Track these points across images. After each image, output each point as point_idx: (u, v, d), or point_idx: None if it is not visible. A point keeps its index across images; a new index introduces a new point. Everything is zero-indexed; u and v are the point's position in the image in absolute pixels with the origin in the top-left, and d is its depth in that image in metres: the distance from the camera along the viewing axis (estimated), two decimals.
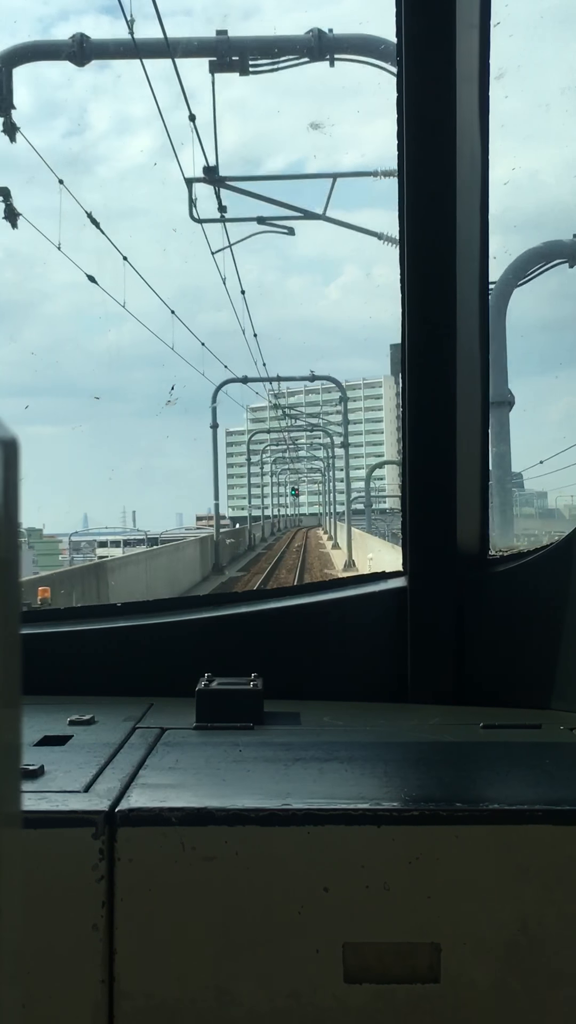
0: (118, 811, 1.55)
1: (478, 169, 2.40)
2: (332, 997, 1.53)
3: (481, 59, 2.39)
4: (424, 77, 2.32)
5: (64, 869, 1.52)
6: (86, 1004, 1.52)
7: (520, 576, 2.36)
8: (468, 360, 2.40)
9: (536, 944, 1.54)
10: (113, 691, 2.39)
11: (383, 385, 55.73)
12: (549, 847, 1.55)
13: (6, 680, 0.69)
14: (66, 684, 2.39)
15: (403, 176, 2.36)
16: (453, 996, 1.54)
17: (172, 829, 1.54)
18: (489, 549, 2.46)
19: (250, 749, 1.91)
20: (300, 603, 2.59)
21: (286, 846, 1.54)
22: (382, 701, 2.39)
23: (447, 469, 2.36)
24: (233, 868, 1.53)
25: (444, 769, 1.85)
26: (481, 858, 1.55)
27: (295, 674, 2.41)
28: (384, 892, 1.54)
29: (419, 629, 2.38)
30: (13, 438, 0.68)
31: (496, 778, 1.82)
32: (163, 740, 1.98)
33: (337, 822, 1.55)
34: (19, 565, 0.72)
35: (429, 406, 2.38)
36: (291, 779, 1.72)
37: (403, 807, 1.58)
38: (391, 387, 27.76)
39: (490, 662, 2.36)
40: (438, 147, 2.32)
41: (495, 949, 1.54)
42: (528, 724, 2.11)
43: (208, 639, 2.49)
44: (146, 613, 2.61)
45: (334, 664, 2.46)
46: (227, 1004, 1.53)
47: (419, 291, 2.36)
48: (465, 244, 2.36)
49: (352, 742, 1.98)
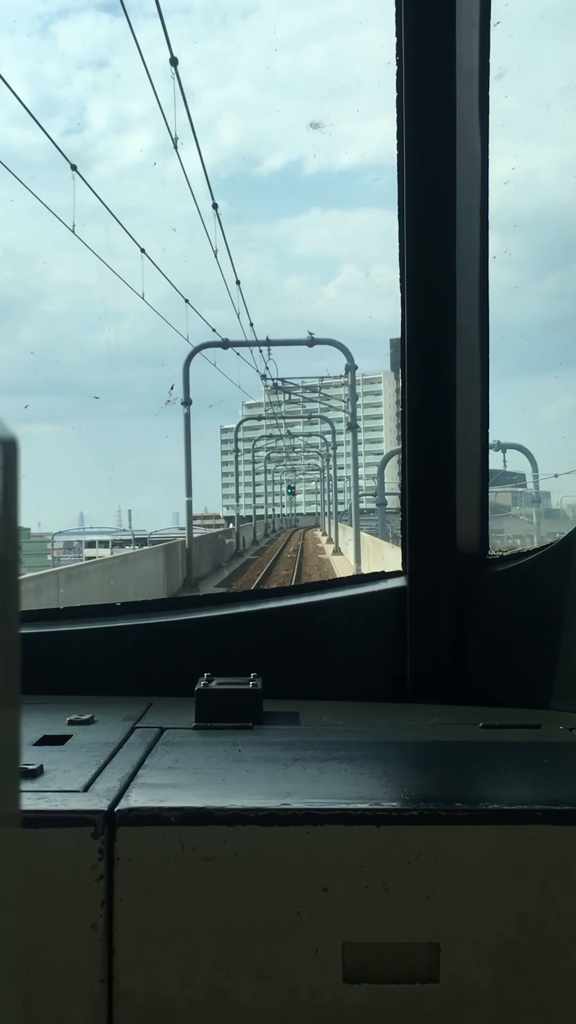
0: (117, 811, 1.55)
1: (478, 169, 2.40)
2: (331, 997, 1.53)
3: (481, 58, 2.39)
4: (424, 76, 2.32)
5: (63, 869, 1.52)
6: (85, 1004, 1.51)
7: (520, 576, 2.36)
8: (468, 360, 2.40)
9: (536, 944, 1.54)
10: (112, 691, 2.39)
11: (383, 381, 54.68)
12: (549, 847, 1.55)
13: (5, 680, 0.69)
14: (65, 684, 2.39)
15: (403, 176, 2.36)
16: (452, 996, 1.54)
17: (171, 829, 1.54)
18: (489, 549, 2.46)
19: (249, 749, 1.91)
20: (300, 603, 2.60)
21: (286, 846, 1.54)
22: (382, 701, 2.39)
23: (447, 469, 2.36)
24: (232, 868, 1.53)
25: (443, 769, 1.85)
26: (481, 858, 1.55)
27: (295, 674, 2.41)
28: (383, 892, 1.53)
29: (419, 629, 2.38)
30: (13, 438, 0.68)
31: (495, 778, 1.82)
32: (162, 740, 1.98)
33: (337, 822, 1.55)
34: (19, 565, 0.71)
35: (429, 406, 2.38)
36: (291, 779, 1.72)
37: (403, 807, 1.58)
38: (391, 383, 26.91)
39: (490, 662, 2.36)
40: (438, 146, 2.32)
41: (495, 949, 1.54)
42: (527, 724, 2.11)
43: (208, 639, 2.49)
44: (146, 613, 2.62)
45: (334, 664, 2.46)
46: (226, 1004, 1.53)
47: (419, 291, 2.36)
48: (465, 244, 2.36)
49: (352, 742, 1.98)
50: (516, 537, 26.21)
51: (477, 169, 2.40)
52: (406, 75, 2.33)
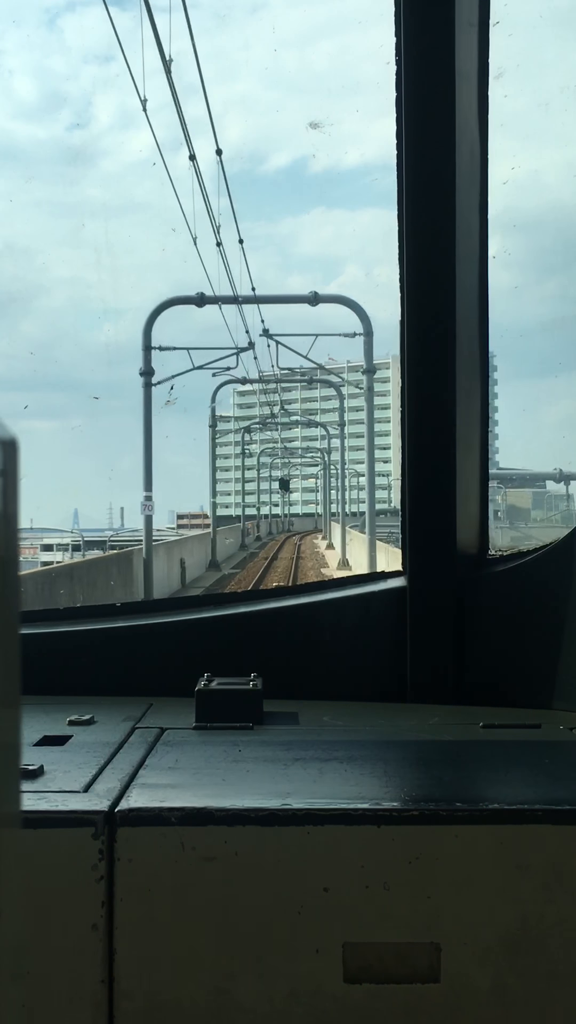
0: (118, 811, 1.55)
1: (478, 168, 2.40)
2: (332, 997, 1.53)
3: (480, 58, 2.39)
4: (423, 76, 2.32)
5: (64, 869, 1.52)
6: (86, 1004, 1.51)
7: (520, 575, 2.36)
8: (468, 360, 2.40)
9: (536, 944, 1.54)
10: (112, 691, 2.39)
11: (390, 367, 53.38)
12: (549, 847, 1.55)
13: (6, 680, 0.69)
14: (66, 684, 2.38)
15: (402, 175, 2.36)
16: (453, 996, 1.54)
17: (172, 829, 1.54)
18: (489, 549, 2.46)
19: (250, 749, 1.91)
20: (300, 603, 2.60)
21: (286, 846, 1.54)
22: (381, 701, 2.39)
23: (447, 469, 2.36)
24: (233, 868, 1.53)
25: (444, 769, 1.85)
26: (481, 858, 1.55)
27: (294, 674, 2.41)
28: (384, 892, 1.53)
29: (419, 628, 2.38)
30: (13, 438, 0.68)
31: (496, 778, 1.82)
32: (163, 740, 1.98)
33: (337, 822, 1.55)
34: (19, 565, 0.72)
35: (429, 406, 2.38)
36: (291, 779, 1.72)
37: (403, 807, 1.58)
38: (399, 369, 25.98)
39: (490, 661, 2.36)
40: (437, 147, 2.32)
41: (495, 949, 1.54)
42: (528, 724, 2.11)
43: (208, 639, 2.49)
44: (146, 613, 2.62)
45: (333, 664, 2.46)
46: (227, 1004, 1.53)
47: (419, 291, 2.36)
48: (465, 244, 2.36)
49: (351, 742, 1.98)
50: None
51: (477, 169, 2.40)
52: (405, 75, 2.33)
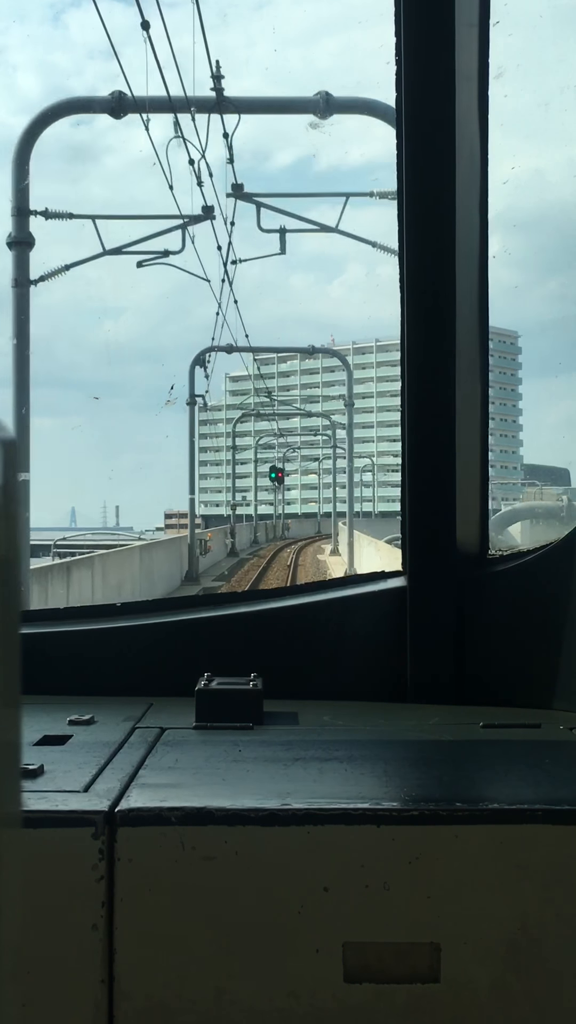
0: (118, 811, 1.55)
1: (478, 168, 2.40)
2: (332, 997, 1.53)
3: (480, 58, 2.39)
4: (423, 76, 2.32)
5: (64, 869, 1.52)
6: (86, 1004, 1.51)
7: (520, 576, 2.36)
8: (468, 360, 2.40)
9: (536, 944, 1.54)
10: (113, 691, 2.39)
11: (373, 352, 50.38)
12: (549, 847, 1.55)
13: (6, 680, 0.69)
14: (66, 684, 2.38)
15: (402, 175, 2.36)
16: (453, 996, 1.54)
17: (172, 829, 1.54)
18: (489, 548, 2.46)
19: (250, 749, 1.91)
20: (300, 603, 2.59)
21: (286, 846, 1.54)
22: (382, 701, 2.39)
23: (447, 469, 2.36)
24: (233, 868, 1.53)
25: (444, 769, 1.85)
26: (481, 858, 1.55)
27: (295, 674, 2.41)
28: (384, 892, 1.53)
29: (419, 628, 2.38)
30: (13, 438, 0.69)
31: (496, 778, 1.82)
32: (163, 740, 1.98)
33: (337, 822, 1.55)
34: (20, 564, 0.72)
35: (429, 405, 2.38)
36: (291, 779, 1.72)
37: (403, 807, 1.58)
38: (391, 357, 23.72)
39: (490, 661, 2.36)
40: (437, 146, 2.32)
41: (495, 949, 1.54)
42: (528, 724, 2.11)
43: (208, 639, 2.49)
44: (146, 613, 2.61)
45: (334, 664, 2.46)
46: (227, 1004, 1.53)
47: (419, 291, 2.36)
48: (465, 244, 2.36)
49: (352, 741, 1.98)
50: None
51: (477, 169, 2.40)
52: (406, 75, 2.33)
